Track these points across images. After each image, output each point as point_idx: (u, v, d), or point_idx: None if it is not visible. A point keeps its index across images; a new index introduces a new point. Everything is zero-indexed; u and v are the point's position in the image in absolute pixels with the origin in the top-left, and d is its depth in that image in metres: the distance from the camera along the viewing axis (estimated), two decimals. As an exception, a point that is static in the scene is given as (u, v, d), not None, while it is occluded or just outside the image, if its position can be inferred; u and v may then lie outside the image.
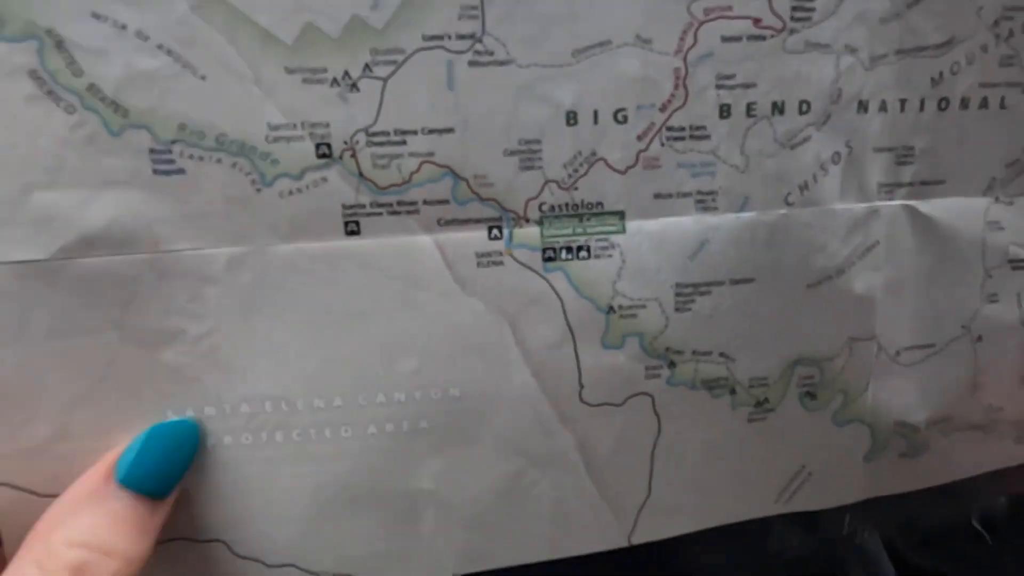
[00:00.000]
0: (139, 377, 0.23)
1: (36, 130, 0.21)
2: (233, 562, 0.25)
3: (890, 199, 0.27)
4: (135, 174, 0.22)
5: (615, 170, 0.25)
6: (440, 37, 0.23)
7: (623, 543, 0.28)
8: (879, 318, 0.28)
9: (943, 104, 0.27)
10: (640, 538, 0.28)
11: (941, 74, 0.27)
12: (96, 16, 0.21)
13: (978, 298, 0.29)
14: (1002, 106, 0.28)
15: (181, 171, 0.22)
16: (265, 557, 0.25)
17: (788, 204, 0.26)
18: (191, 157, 0.22)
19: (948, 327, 0.29)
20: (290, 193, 0.23)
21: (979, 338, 0.30)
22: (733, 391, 0.27)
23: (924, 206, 0.28)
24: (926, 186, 0.27)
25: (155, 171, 0.22)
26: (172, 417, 0.24)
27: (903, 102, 0.26)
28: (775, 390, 0.28)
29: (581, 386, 0.26)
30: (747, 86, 0.25)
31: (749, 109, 0.25)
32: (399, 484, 0.26)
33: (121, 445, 0.23)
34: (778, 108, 0.25)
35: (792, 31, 0.25)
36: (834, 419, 0.29)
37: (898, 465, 0.31)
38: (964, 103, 0.27)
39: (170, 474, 0.23)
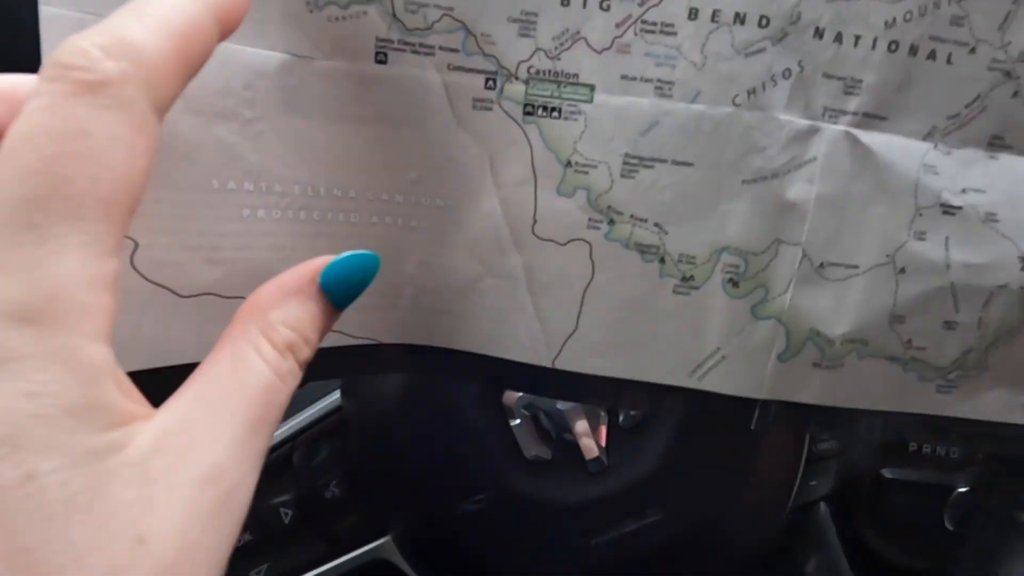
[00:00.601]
0: (193, 145, 0.28)
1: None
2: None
3: (833, 123, 0.28)
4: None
5: (593, 49, 0.27)
6: None
7: (547, 364, 0.32)
8: (807, 227, 0.30)
9: (892, 47, 0.27)
10: (563, 364, 0.32)
11: (895, 19, 0.27)
12: None
13: (906, 232, 0.30)
14: (948, 61, 0.28)
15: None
16: None
17: (735, 104, 0.28)
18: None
19: (873, 252, 0.30)
20: (336, 19, 0.28)
21: (902, 270, 0.30)
22: (663, 260, 0.30)
23: (864, 136, 0.29)
24: (868, 118, 0.28)
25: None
26: (216, 186, 0.28)
27: (857, 38, 0.27)
28: (701, 271, 0.30)
29: (535, 221, 0.30)
30: None
31: (714, 15, 0.27)
32: (390, 265, 0.30)
33: (328, 257, 0.23)
34: (740, 19, 0.27)
35: None
36: (753, 311, 0.31)
37: (811, 374, 0.32)
38: (913, 50, 0.28)
39: (354, 292, 0.23)
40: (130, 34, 0.18)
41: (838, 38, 0.28)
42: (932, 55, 0.28)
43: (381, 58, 0.29)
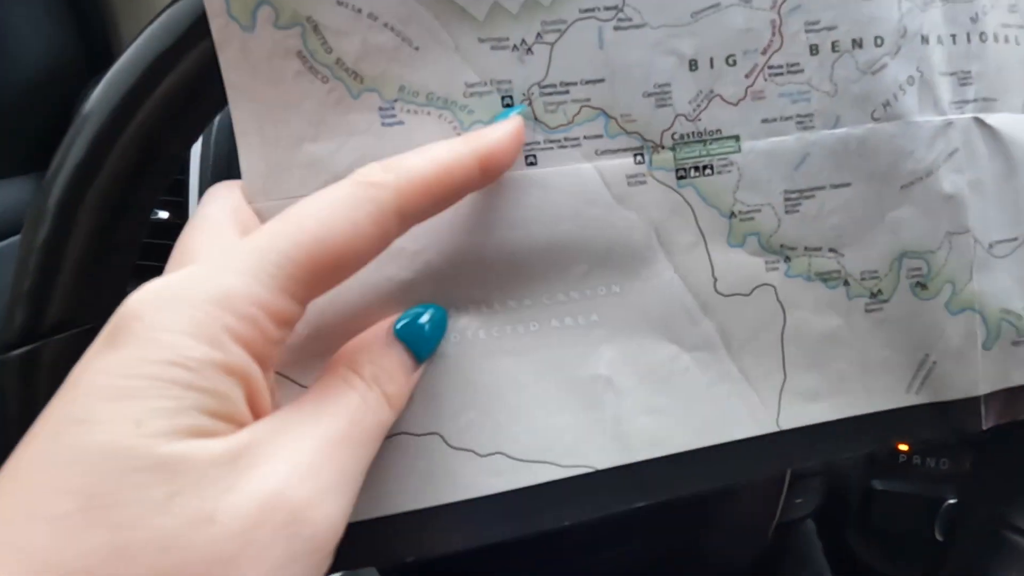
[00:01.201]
0: (367, 290, 0.27)
1: (302, 97, 0.25)
2: (448, 453, 0.28)
3: (961, 113, 0.31)
4: (370, 125, 0.26)
5: (729, 103, 0.28)
6: (592, 9, 0.27)
7: (772, 427, 0.31)
8: (970, 214, 0.32)
9: (983, 37, 0.30)
10: (787, 422, 0.31)
11: (976, 14, 0.30)
12: (340, 3, 0.25)
13: None
14: (1017, 43, 0.31)
15: (401, 122, 0.27)
16: (477, 447, 0.28)
17: (874, 119, 0.29)
18: (408, 111, 0.27)
19: None
20: None
21: None
22: (847, 283, 0.30)
23: (989, 118, 0.31)
24: (986, 102, 0.31)
25: (383, 123, 0.27)
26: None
27: (954, 36, 0.30)
28: (887, 282, 0.31)
29: (715, 279, 0.29)
30: (830, 28, 0.28)
31: (834, 46, 0.28)
32: (580, 371, 0.29)
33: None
34: (857, 43, 0.28)
35: None
36: (947, 307, 0.32)
37: (1015, 353, 0.33)
38: (996, 38, 0.31)
39: (430, 339, 0.27)
40: (404, 158, 0.24)
41: (940, 40, 0.30)
42: (1007, 39, 0.32)
43: (531, 160, 0.29)
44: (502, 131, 0.26)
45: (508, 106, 0.28)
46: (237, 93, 0.26)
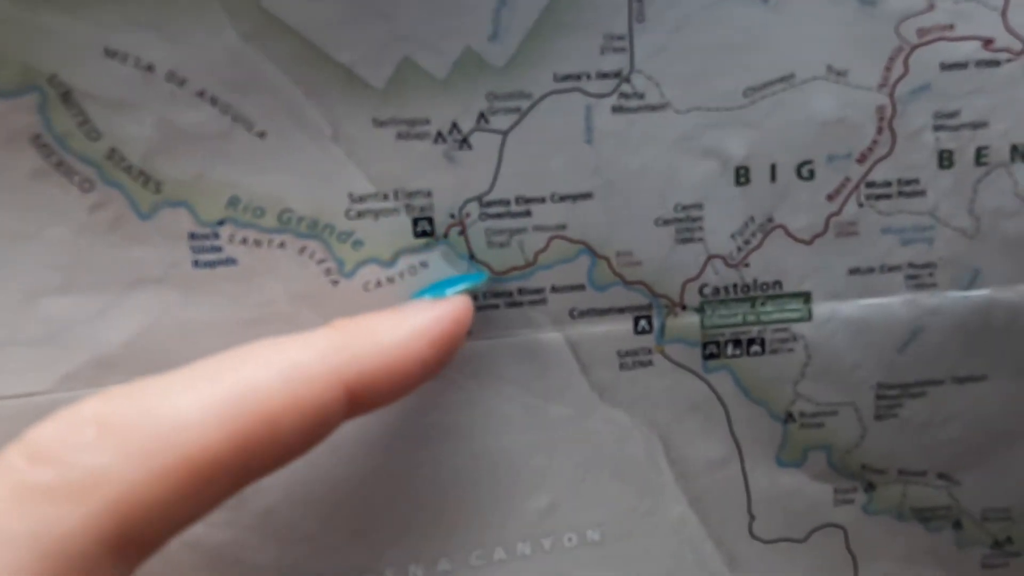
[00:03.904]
0: (162, 564, 0.15)
1: (44, 216, 0.14)
2: None
3: None
4: (171, 268, 0.15)
5: (798, 240, 0.16)
6: (577, 76, 0.15)
7: None
8: None
9: None
10: None
11: None
12: (111, 53, 0.14)
13: None
14: None
15: (231, 261, 0.15)
16: None
17: None
18: (244, 242, 0.15)
19: None
20: (378, 285, 0.15)
21: None
22: (958, 524, 0.18)
23: None
24: None
25: (196, 263, 0.15)
26: None
27: None
28: (1022, 527, 0.19)
29: (751, 517, 0.18)
30: (976, 126, 0.16)
31: (979, 155, 0.16)
32: None
33: None
34: (1020, 153, 0.17)
35: None
36: None
37: None
38: None
39: None
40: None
41: None
42: None
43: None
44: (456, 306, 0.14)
45: (425, 234, 0.17)
46: None
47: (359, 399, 0.12)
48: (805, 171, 0.17)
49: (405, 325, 0.13)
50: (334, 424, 0.12)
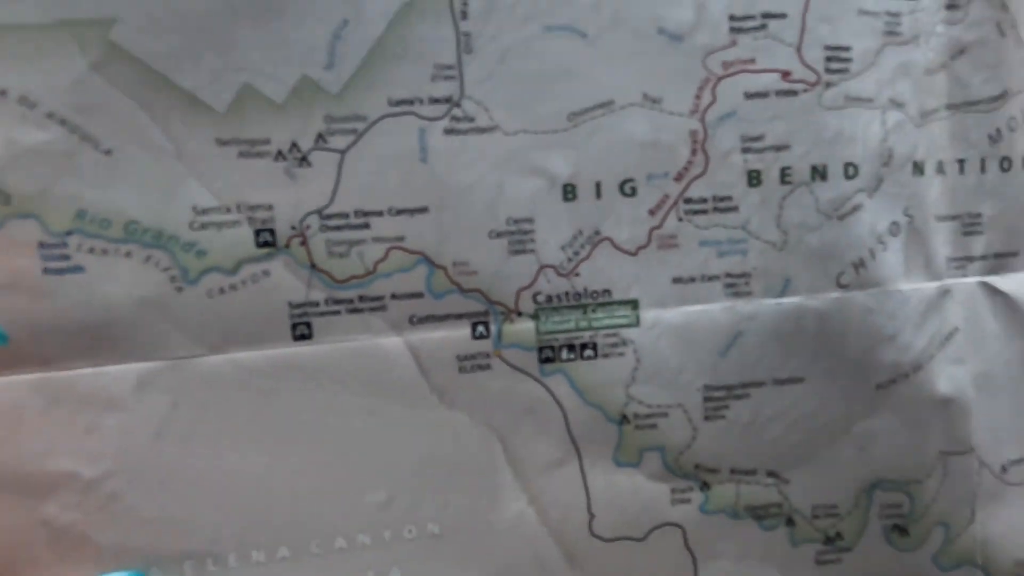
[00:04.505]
0: (15, 539, 0.16)
1: None
2: None
3: (963, 275, 0.20)
4: (20, 275, 0.15)
5: (624, 251, 0.18)
6: (410, 101, 0.17)
7: None
8: (974, 424, 0.20)
9: (1005, 164, 0.20)
10: None
11: (999, 131, 0.20)
12: None
13: None
14: None
15: (78, 268, 0.16)
16: None
17: (841, 286, 0.19)
18: (92, 251, 0.16)
19: None
20: (221, 292, 0.16)
21: None
22: (791, 521, 0.19)
23: (1002, 282, 0.20)
24: (1001, 259, 0.20)
25: (46, 270, 0.16)
26: None
27: (961, 163, 0.19)
28: (850, 522, 0.20)
29: (591, 515, 0.18)
30: (779, 148, 0.18)
31: (784, 175, 0.18)
32: None
33: None
34: (819, 172, 0.18)
35: (828, 84, 0.18)
36: (936, 562, 0.21)
37: None
38: None
39: None
40: None
41: (940, 168, 0.19)
42: None
43: (303, 332, 0.17)
44: None
45: (267, 244, 0.18)
46: None
47: None
48: (628, 188, 0.18)
49: None
50: None
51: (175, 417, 0.16)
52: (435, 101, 0.17)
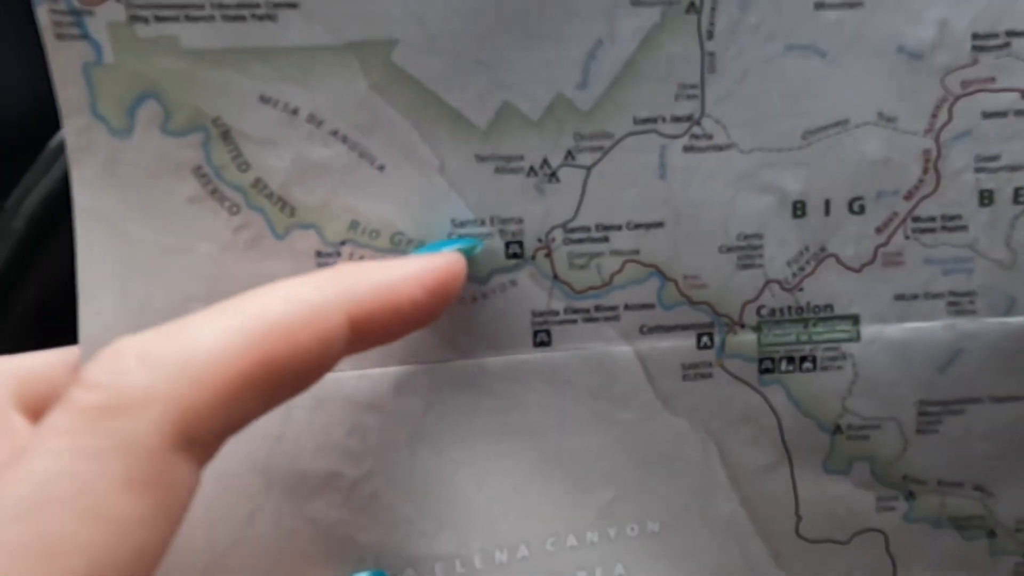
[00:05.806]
0: (282, 536, 0.17)
1: (197, 234, 0.16)
2: None
3: None
4: None
5: (848, 268, 0.18)
6: (654, 120, 0.17)
7: None
8: None
9: None
10: None
11: None
12: (265, 100, 0.16)
13: None
14: None
15: None
16: None
17: None
18: (362, 259, 0.17)
19: None
20: (473, 300, 0.17)
21: None
22: (992, 534, 0.19)
23: None
24: None
25: None
26: None
27: None
28: None
29: (798, 518, 0.19)
30: (1014, 168, 0.18)
31: (1017, 195, 0.18)
32: None
33: None
34: (1056, 193, 0.18)
35: None
36: None
37: None
38: None
39: None
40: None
41: None
42: None
43: (543, 339, 0.18)
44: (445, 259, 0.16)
45: (515, 256, 0.18)
46: (93, 229, 0.16)
47: (359, 329, 0.14)
48: (856, 206, 0.18)
49: (398, 270, 0.15)
50: (339, 350, 0.14)
51: (428, 419, 0.17)
52: (677, 119, 0.17)
